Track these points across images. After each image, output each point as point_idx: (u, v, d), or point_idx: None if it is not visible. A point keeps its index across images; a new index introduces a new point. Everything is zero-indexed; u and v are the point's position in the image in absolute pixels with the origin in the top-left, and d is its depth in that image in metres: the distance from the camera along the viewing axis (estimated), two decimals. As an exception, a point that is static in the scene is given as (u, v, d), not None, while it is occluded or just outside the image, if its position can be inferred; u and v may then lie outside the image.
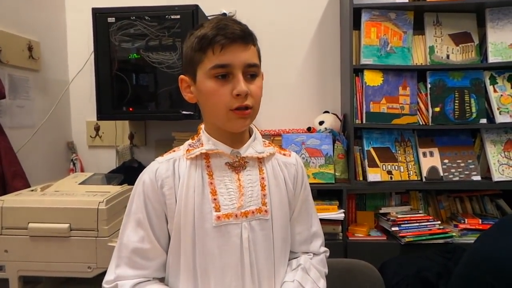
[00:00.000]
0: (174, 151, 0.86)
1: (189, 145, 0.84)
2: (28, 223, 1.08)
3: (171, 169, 0.80)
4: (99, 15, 1.81)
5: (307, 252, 0.93)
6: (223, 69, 0.75)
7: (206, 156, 0.81)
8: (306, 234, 0.92)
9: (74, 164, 2.14)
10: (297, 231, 0.91)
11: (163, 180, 0.79)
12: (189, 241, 0.78)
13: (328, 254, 0.98)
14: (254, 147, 0.84)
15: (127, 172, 1.83)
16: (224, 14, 2.10)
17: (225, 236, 0.78)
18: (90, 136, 2.18)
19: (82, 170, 2.15)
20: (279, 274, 0.84)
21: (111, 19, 1.81)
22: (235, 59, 0.75)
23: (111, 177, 1.48)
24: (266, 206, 0.82)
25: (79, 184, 1.31)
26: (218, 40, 0.74)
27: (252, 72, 0.78)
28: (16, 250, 1.09)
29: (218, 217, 0.78)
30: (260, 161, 0.84)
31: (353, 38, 1.81)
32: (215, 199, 0.78)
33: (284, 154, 0.90)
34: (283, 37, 2.11)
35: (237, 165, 0.81)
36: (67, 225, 1.07)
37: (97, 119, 1.84)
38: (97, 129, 2.17)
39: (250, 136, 0.87)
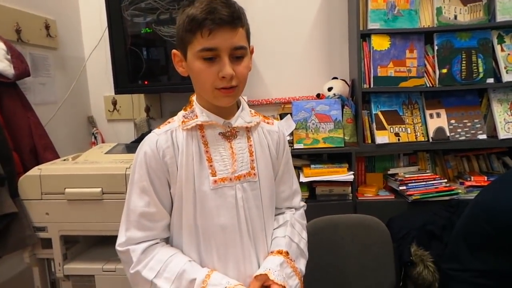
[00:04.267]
0: (169, 122, 0.92)
1: (183, 116, 0.91)
2: (65, 188, 1.20)
3: (170, 140, 0.87)
4: (110, -10, 1.86)
5: (290, 208, 1.05)
6: (210, 52, 0.81)
7: (200, 127, 0.89)
8: (288, 192, 1.04)
9: (95, 138, 2.25)
10: (281, 189, 1.02)
11: (163, 150, 0.86)
12: (190, 203, 0.87)
13: (305, 207, 1.10)
14: (243, 117, 0.93)
15: (146, 143, 1.93)
16: (231, -16, 2.12)
17: (222, 197, 0.88)
18: (108, 110, 2.28)
19: (103, 142, 2.27)
20: (269, 227, 0.97)
21: (122, -6, 1.85)
22: (222, 43, 0.80)
23: (133, 147, 1.59)
24: (254, 170, 0.92)
25: (105, 153, 1.42)
26: (206, 25, 0.78)
27: (239, 54, 0.84)
28: (55, 213, 1.22)
29: (215, 181, 0.88)
30: (248, 130, 0.94)
31: (360, 3, 1.83)
32: (211, 165, 0.88)
33: (268, 123, 1.00)
34: (291, 4, 2.13)
35: (229, 135, 0.90)
36: (99, 189, 1.18)
37: (115, 93, 1.93)
38: (114, 103, 2.27)
39: (238, 107, 0.95)
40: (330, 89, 2.04)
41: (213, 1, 0.81)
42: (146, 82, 1.93)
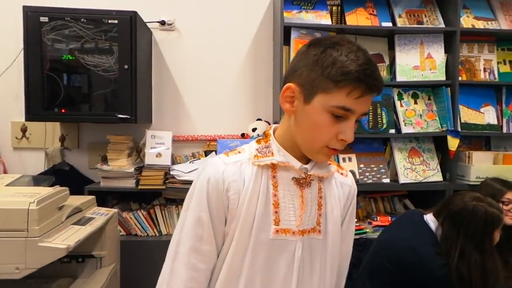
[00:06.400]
0: (239, 152, 0.82)
1: (257, 149, 0.80)
2: (-51, 224, 1.04)
3: (237, 172, 0.78)
4: (30, 13, 1.76)
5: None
6: (346, 112, 0.72)
7: (273, 166, 0.79)
8: (346, 250, 0.91)
9: (-4, 167, 2.02)
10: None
11: (229, 183, 0.77)
12: (241, 248, 0.77)
13: None
14: (319, 165, 0.81)
15: (57, 175, 1.79)
16: (163, 22, 2.16)
17: (278, 251, 0.77)
18: (16, 138, 2.08)
19: (5, 173, 2.04)
20: None
21: (43, 19, 1.77)
22: (361, 108, 0.72)
23: (41, 179, 1.46)
24: (320, 226, 0.81)
25: (6, 185, 1.28)
26: (360, 87, 0.70)
27: (360, 119, 0.76)
28: None
29: (277, 231, 0.77)
30: (320, 179, 0.82)
31: (283, 53, 1.99)
32: (276, 212, 0.77)
33: (342, 174, 0.89)
34: (221, 46, 2.23)
35: (303, 182, 0.80)
36: (-7, 226, 1.05)
37: (26, 120, 1.79)
38: (23, 130, 2.08)
39: None
40: (254, 129, 2.12)
41: (369, 61, 0.72)
42: (63, 110, 1.82)
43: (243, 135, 2.16)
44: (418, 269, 1.27)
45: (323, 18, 2.05)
